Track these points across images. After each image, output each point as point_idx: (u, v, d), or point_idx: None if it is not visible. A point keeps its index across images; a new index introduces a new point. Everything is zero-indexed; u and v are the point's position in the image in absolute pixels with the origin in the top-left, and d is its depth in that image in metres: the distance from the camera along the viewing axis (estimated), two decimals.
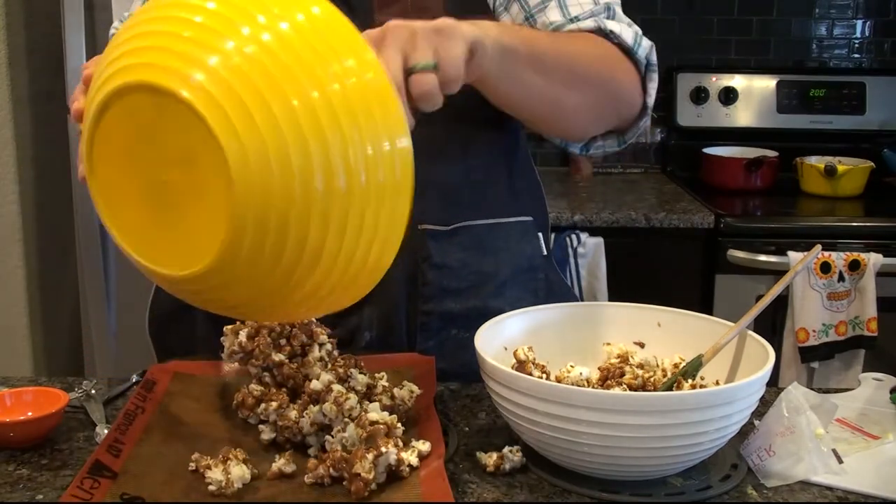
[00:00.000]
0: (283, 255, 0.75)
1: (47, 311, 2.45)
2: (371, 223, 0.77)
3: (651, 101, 1.23)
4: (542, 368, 1.01)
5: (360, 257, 0.78)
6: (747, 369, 0.97)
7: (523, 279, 1.28)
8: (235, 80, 0.72)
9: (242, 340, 1.04)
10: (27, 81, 2.37)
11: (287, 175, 0.72)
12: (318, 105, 0.73)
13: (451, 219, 1.22)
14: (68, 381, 1.16)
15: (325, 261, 0.76)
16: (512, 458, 0.94)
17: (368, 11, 1.19)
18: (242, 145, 0.71)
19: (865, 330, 2.29)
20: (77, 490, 0.82)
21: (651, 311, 1.09)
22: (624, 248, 2.36)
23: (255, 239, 0.74)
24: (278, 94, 0.72)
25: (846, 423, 1.05)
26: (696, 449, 0.88)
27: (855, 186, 2.60)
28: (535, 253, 1.31)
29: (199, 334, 1.27)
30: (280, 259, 0.75)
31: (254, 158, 0.72)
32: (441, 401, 1.11)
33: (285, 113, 0.72)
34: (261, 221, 0.73)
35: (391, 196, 0.78)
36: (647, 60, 1.23)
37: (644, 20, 2.99)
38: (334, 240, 0.75)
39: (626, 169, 2.90)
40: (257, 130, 0.72)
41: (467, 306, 1.23)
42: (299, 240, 0.74)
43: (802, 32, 2.93)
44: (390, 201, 0.78)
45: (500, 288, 1.24)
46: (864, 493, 0.91)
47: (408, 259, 1.21)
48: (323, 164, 0.73)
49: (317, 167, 0.73)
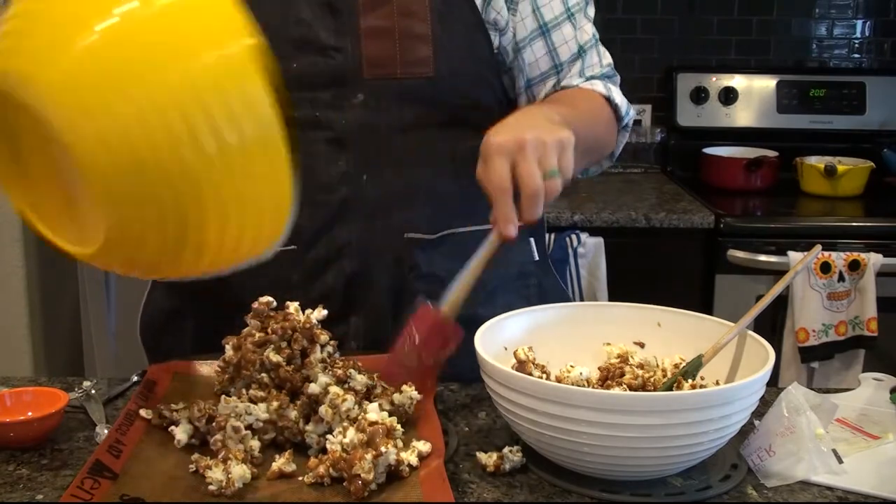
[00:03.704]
0: (170, 223, 0.76)
1: (47, 311, 2.45)
2: (253, 173, 0.78)
3: (618, 151, 1.34)
4: (542, 368, 1.01)
5: (254, 209, 0.80)
6: (747, 369, 0.97)
7: (514, 286, 1.28)
8: (82, 65, 0.72)
9: (228, 354, 1.04)
10: None
11: (153, 149, 0.73)
12: (175, 79, 0.74)
13: (439, 227, 1.22)
14: (68, 381, 1.16)
15: (215, 218, 0.78)
16: (512, 458, 0.94)
17: (353, 13, 1.19)
18: (88, 131, 0.71)
19: (865, 330, 2.29)
20: (77, 490, 0.82)
21: (651, 311, 1.09)
22: (624, 248, 2.36)
23: (139, 213, 0.75)
24: (130, 76, 0.72)
25: (846, 423, 1.05)
26: (696, 449, 0.88)
27: (855, 186, 2.60)
28: (526, 259, 1.31)
29: (188, 338, 1.27)
30: (169, 226, 0.76)
31: (107, 141, 0.72)
32: (441, 401, 1.11)
33: (140, 92, 0.73)
34: (137, 197, 0.74)
35: (262, 147, 0.79)
36: (626, 126, 1.32)
37: (644, 20, 3.02)
38: (217, 198, 0.77)
39: (626, 169, 2.89)
40: (107, 112, 0.72)
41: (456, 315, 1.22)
42: (182, 204, 0.75)
43: (802, 32, 2.93)
44: (263, 153, 0.79)
45: (490, 296, 1.23)
46: (864, 493, 0.91)
47: (394, 269, 1.21)
48: (188, 133, 0.73)
49: (182, 137, 0.73)
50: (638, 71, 2.89)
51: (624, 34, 2.86)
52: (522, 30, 1.25)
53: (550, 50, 1.26)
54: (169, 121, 0.73)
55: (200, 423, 0.96)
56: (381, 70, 1.19)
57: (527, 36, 1.25)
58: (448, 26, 1.20)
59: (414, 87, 1.20)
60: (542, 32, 1.25)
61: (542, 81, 1.28)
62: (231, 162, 0.77)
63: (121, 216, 0.76)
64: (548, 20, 1.25)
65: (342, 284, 1.21)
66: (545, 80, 1.28)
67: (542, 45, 1.26)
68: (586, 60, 1.28)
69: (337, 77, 1.19)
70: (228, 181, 0.77)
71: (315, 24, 1.19)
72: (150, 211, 0.75)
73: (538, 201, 0.98)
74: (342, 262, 1.21)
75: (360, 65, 1.19)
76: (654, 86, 2.92)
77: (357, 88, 1.19)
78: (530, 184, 0.97)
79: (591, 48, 1.29)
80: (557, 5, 1.26)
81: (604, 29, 1.34)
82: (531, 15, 1.25)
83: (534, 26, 1.25)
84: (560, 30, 1.26)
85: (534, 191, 0.97)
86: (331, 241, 1.20)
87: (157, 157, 0.73)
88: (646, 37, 2.89)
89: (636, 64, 2.89)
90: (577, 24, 1.27)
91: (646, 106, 2.92)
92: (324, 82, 1.19)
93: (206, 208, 0.77)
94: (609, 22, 2.82)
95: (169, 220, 0.77)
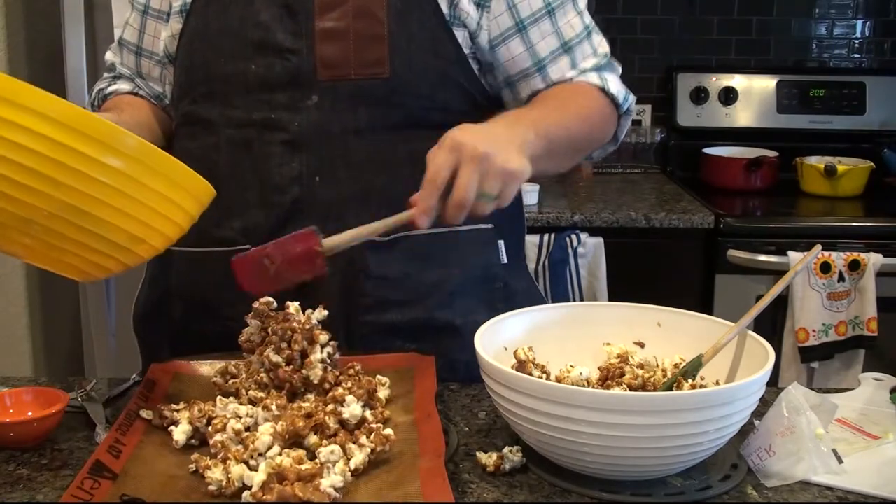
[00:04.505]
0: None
1: (47, 311, 2.45)
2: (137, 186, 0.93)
3: (621, 135, 1.34)
4: (542, 368, 1.01)
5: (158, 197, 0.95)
6: (747, 369, 0.97)
7: (477, 289, 1.25)
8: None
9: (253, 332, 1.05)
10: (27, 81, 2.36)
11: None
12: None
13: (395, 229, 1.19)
14: (68, 381, 1.16)
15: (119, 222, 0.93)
16: (512, 458, 0.94)
17: (309, 14, 1.19)
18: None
19: (865, 330, 2.29)
20: (77, 491, 0.82)
21: (651, 311, 1.09)
22: (624, 248, 2.36)
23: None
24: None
25: (846, 423, 1.05)
26: (696, 449, 0.88)
27: (855, 186, 2.60)
28: (491, 262, 1.28)
29: (176, 328, 1.28)
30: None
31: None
32: (441, 401, 1.11)
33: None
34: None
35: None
36: (628, 111, 1.32)
37: (644, 20, 3.02)
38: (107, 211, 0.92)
39: (626, 169, 2.90)
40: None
41: (411, 318, 1.21)
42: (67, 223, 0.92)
43: (802, 32, 2.93)
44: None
45: (449, 298, 1.23)
46: (864, 493, 0.91)
47: (346, 270, 1.20)
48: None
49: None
50: (638, 71, 2.89)
51: (624, 34, 2.86)
52: (496, 28, 1.23)
53: (529, 47, 1.25)
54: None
55: (200, 423, 0.96)
56: (335, 71, 1.19)
57: (501, 34, 1.24)
58: (407, 26, 1.19)
59: (368, 88, 1.19)
60: (519, 30, 1.24)
61: (524, 79, 1.27)
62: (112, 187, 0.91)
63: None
64: (524, 17, 1.24)
65: (295, 284, 1.21)
66: (527, 77, 1.27)
67: (518, 43, 1.24)
68: (577, 54, 1.27)
69: (293, 79, 1.20)
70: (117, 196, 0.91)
71: (273, 26, 1.20)
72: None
73: (461, 212, 1.01)
74: None
75: (314, 66, 1.19)
76: (654, 86, 2.92)
77: (312, 90, 1.19)
78: (461, 193, 1.00)
79: (582, 41, 1.27)
80: (536, 1, 1.24)
81: (604, 29, 1.33)
82: (506, 12, 1.23)
83: (509, 24, 1.24)
84: (538, 26, 1.24)
85: (461, 201, 1.00)
86: None
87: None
88: (646, 37, 2.89)
89: (636, 64, 2.89)
90: (560, 19, 1.25)
91: (646, 106, 2.92)
92: (280, 84, 1.20)
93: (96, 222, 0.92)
94: (609, 22, 2.82)
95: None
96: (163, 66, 1.32)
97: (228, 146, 1.23)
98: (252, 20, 1.21)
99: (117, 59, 1.38)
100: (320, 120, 1.20)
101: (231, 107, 1.22)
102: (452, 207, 1.01)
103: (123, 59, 1.37)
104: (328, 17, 1.19)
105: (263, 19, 1.20)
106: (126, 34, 1.35)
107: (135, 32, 1.34)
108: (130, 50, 1.35)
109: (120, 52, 1.37)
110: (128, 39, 1.35)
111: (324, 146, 1.20)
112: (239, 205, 1.20)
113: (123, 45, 1.36)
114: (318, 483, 0.85)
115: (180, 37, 1.26)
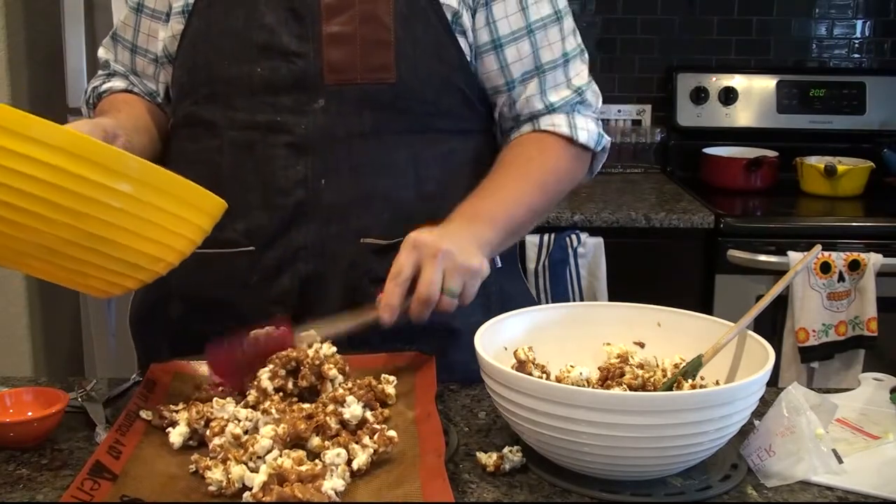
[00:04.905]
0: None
1: (47, 311, 2.45)
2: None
3: (596, 169, 1.35)
4: (542, 368, 1.01)
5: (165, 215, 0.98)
6: (747, 369, 0.97)
7: None
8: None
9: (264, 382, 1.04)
10: (27, 81, 2.37)
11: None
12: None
13: (396, 233, 1.18)
14: (68, 381, 1.16)
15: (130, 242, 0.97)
16: (512, 458, 0.94)
17: (316, 18, 1.20)
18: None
19: (865, 330, 2.29)
20: (77, 491, 0.82)
21: (651, 311, 1.09)
22: (624, 248, 2.36)
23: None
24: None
25: (846, 423, 1.05)
26: (696, 449, 0.88)
27: (855, 186, 2.60)
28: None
29: (176, 329, 1.28)
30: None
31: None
32: (441, 401, 1.11)
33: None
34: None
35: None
36: (604, 149, 1.32)
37: (644, 20, 3.01)
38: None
39: (626, 169, 2.89)
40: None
41: (409, 320, 1.22)
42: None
43: (802, 32, 2.93)
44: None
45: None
46: (864, 493, 0.91)
47: (349, 272, 1.20)
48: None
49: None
50: (638, 71, 2.88)
51: (624, 34, 2.86)
52: (477, 40, 1.24)
53: (503, 66, 1.25)
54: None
55: (199, 425, 0.96)
56: (341, 76, 1.19)
57: (479, 47, 1.24)
58: (413, 32, 1.20)
59: (375, 92, 1.20)
60: (495, 47, 1.24)
61: (496, 94, 1.28)
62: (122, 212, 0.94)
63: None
64: (502, 34, 1.24)
65: (298, 286, 1.21)
66: (497, 94, 1.27)
67: (493, 60, 1.25)
68: (547, 80, 1.26)
69: (299, 82, 1.20)
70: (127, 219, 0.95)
71: (279, 29, 1.20)
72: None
73: (427, 308, 1.05)
74: (298, 264, 1.21)
75: (321, 70, 1.19)
76: (654, 86, 2.92)
77: (318, 94, 1.20)
78: (424, 290, 1.04)
79: (558, 67, 1.26)
80: (517, 20, 1.24)
81: (604, 29, 1.32)
82: (485, 27, 1.24)
83: (486, 39, 1.24)
84: (515, 46, 1.24)
85: (425, 297, 1.04)
86: (287, 243, 1.21)
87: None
88: (646, 37, 2.88)
89: (636, 64, 2.89)
90: (541, 41, 1.25)
91: (646, 106, 2.92)
92: (286, 87, 1.20)
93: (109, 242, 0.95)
94: (609, 22, 2.82)
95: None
96: (158, 64, 1.32)
97: (231, 148, 1.23)
98: (257, 22, 1.21)
99: (111, 55, 1.38)
100: (326, 123, 1.20)
101: (234, 109, 1.22)
102: (417, 303, 1.04)
103: (118, 56, 1.37)
104: (335, 22, 1.19)
105: (268, 22, 1.20)
106: (121, 31, 1.35)
107: (129, 30, 1.34)
108: (126, 47, 1.35)
109: (114, 49, 1.37)
110: (123, 36, 1.35)
111: (329, 149, 1.20)
112: (242, 207, 1.20)
113: (118, 41, 1.36)
114: (320, 484, 0.85)
115: (182, 37, 1.26)
